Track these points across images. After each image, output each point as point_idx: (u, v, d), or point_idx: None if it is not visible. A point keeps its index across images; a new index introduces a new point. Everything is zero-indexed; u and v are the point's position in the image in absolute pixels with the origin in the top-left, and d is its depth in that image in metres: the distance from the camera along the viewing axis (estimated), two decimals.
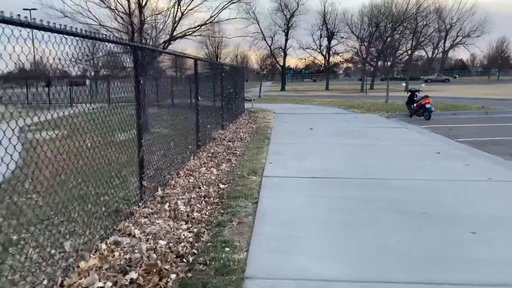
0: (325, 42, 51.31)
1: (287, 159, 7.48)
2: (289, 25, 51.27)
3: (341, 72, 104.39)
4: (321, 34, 51.05)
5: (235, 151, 8.15)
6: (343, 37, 49.18)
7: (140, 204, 4.53)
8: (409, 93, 16.07)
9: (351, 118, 14.82)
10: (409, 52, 47.83)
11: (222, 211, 4.66)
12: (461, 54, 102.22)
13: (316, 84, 71.44)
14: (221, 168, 6.71)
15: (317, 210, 4.63)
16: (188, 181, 5.73)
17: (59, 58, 3.12)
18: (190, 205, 4.69)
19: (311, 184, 5.78)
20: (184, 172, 6.19)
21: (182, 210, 4.50)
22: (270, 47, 51.04)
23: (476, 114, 16.29)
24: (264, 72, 45.26)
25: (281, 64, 53.53)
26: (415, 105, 15.62)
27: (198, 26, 14.98)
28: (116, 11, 13.98)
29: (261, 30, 49.89)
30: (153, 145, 5.58)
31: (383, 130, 11.84)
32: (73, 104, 4.26)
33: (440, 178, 6.13)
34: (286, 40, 51.48)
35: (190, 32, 15.25)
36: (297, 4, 50.09)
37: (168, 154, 6.00)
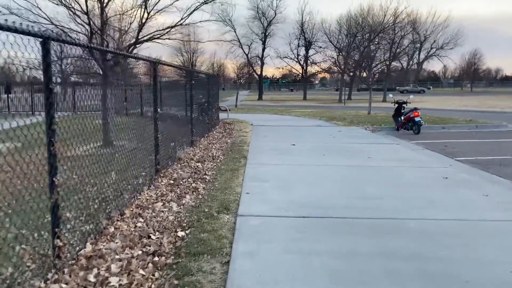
0: (302, 51, 50.59)
1: (268, 188, 6.03)
2: (267, 34, 50.32)
3: (317, 82, 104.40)
4: (298, 44, 50.29)
5: (205, 176, 6.65)
6: (321, 47, 48.55)
7: (49, 275, 2.98)
8: (396, 105, 14.99)
9: (335, 132, 13.56)
10: (387, 62, 47.66)
11: (176, 281, 3.16)
12: (433, 65, 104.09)
13: (293, 94, 70.78)
14: (184, 201, 5.20)
15: (316, 281, 3.18)
16: (135, 226, 4.20)
17: None
18: (129, 273, 3.17)
19: (303, 229, 4.34)
20: (132, 210, 4.64)
21: (114, 285, 2.97)
22: (247, 55, 49.90)
23: (466, 128, 15.33)
24: (241, 80, 43.91)
25: (258, 73, 52.44)
26: (403, 117, 14.53)
27: (168, 28, 13.47)
28: (72, 9, 12.31)
29: (237, 38, 48.77)
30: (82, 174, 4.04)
31: (373, 146, 10.59)
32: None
33: (464, 217, 4.81)
34: (263, 48, 50.49)
35: (158, 35, 13.71)
36: (274, 13, 49.31)
37: (104, 188, 4.45)
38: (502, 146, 11.17)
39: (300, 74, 53.01)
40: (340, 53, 47.01)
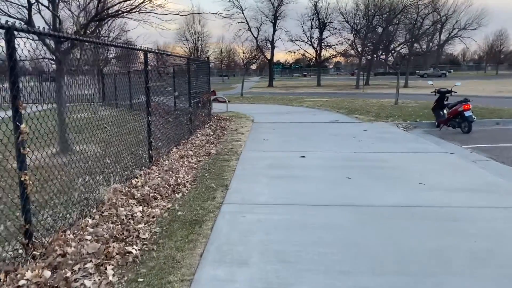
0: (316, 33, 46.71)
1: None
2: (277, 15, 46.55)
3: (331, 66, 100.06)
4: (312, 25, 46.39)
5: (133, 243, 3.56)
6: (336, 28, 44.62)
7: None
8: (438, 95, 11.65)
9: (359, 132, 10.32)
10: (409, 44, 43.62)
11: None
12: (452, 48, 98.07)
13: (307, 79, 67.02)
14: None
15: None
16: None
17: None
18: None
19: None
20: None
21: None
22: (256, 38, 46.32)
23: None
24: (248, 66, 40.47)
25: (269, 57, 48.79)
26: (446, 111, 11.23)
27: None
28: None
29: (246, 20, 45.21)
30: None
31: (418, 158, 7.34)
32: None
33: None
34: (274, 31, 46.82)
35: (127, 8, 10.49)
36: None
37: None
38: None
39: (314, 58, 49.18)
40: (357, 35, 43.07)
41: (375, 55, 46.17)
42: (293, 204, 4.78)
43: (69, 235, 3.56)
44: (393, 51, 45.65)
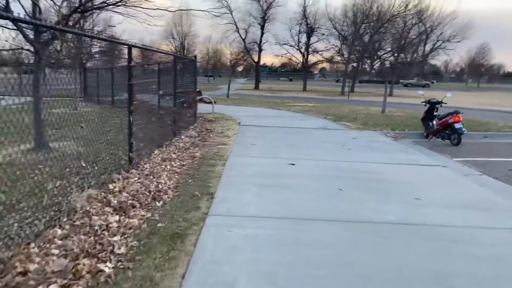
0: (304, 38, 46.66)
1: None
2: (266, 18, 46.34)
3: (316, 72, 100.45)
4: (300, 30, 46.33)
5: (106, 259, 3.16)
6: (323, 34, 44.63)
7: None
8: (428, 105, 11.54)
9: (348, 140, 10.09)
10: (395, 54, 44.00)
11: None
12: (435, 59, 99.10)
13: (292, 84, 67.03)
14: None
15: None
16: None
17: None
18: None
19: None
20: None
21: None
22: (243, 40, 46.00)
23: None
24: (235, 67, 40.12)
25: (256, 60, 48.50)
26: (435, 122, 11.11)
27: None
28: None
29: (234, 21, 44.87)
30: None
31: (410, 170, 7.11)
32: None
33: None
34: (262, 34, 46.58)
35: (113, 0, 10.01)
36: None
37: None
38: None
39: (300, 63, 49.13)
40: (345, 42, 43.19)
41: (360, 63, 46.50)
42: (283, 217, 4.44)
43: (34, 248, 3.14)
44: (380, 59, 46.07)
